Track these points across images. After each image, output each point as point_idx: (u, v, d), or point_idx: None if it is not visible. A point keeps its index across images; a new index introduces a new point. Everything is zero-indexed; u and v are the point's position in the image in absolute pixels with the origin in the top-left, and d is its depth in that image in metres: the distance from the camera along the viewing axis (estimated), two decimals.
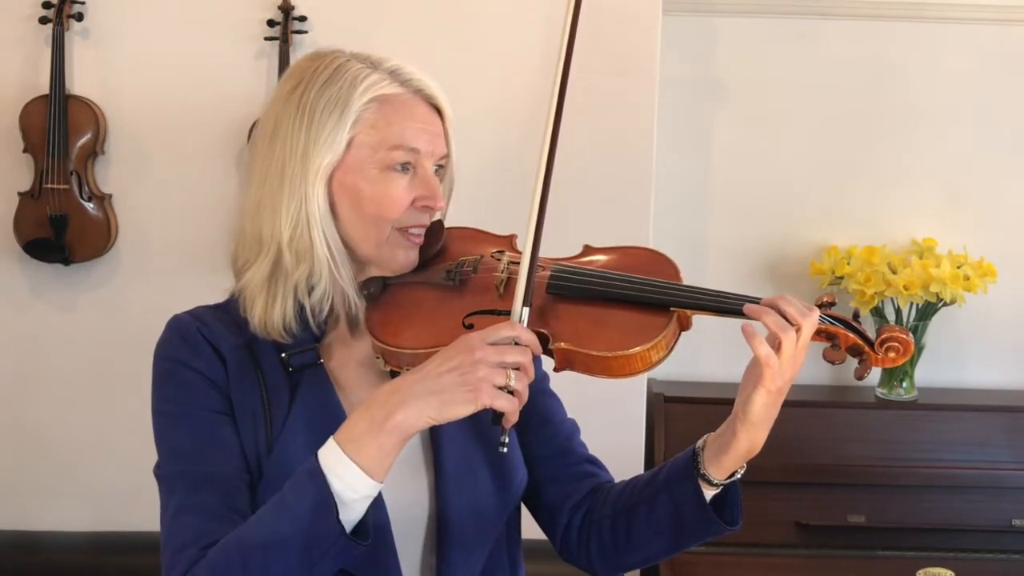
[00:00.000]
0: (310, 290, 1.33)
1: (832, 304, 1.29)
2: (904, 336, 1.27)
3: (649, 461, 2.67)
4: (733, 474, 1.32)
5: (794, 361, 1.23)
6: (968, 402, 2.76)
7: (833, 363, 1.29)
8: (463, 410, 1.16)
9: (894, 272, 2.75)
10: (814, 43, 2.90)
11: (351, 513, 1.18)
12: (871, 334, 1.30)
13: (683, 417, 2.64)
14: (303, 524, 1.17)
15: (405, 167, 1.33)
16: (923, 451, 2.64)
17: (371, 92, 1.32)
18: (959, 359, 2.96)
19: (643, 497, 1.39)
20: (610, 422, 2.54)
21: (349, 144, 1.31)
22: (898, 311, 2.80)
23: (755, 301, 1.26)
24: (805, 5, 2.87)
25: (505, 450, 1.22)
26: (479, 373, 1.16)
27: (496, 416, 1.18)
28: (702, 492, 1.32)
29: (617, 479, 1.50)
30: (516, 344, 1.19)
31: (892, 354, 1.27)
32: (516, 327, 1.21)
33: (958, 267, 2.74)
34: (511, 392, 1.17)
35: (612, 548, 1.42)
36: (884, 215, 2.93)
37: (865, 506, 2.57)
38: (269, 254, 1.33)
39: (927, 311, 2.78)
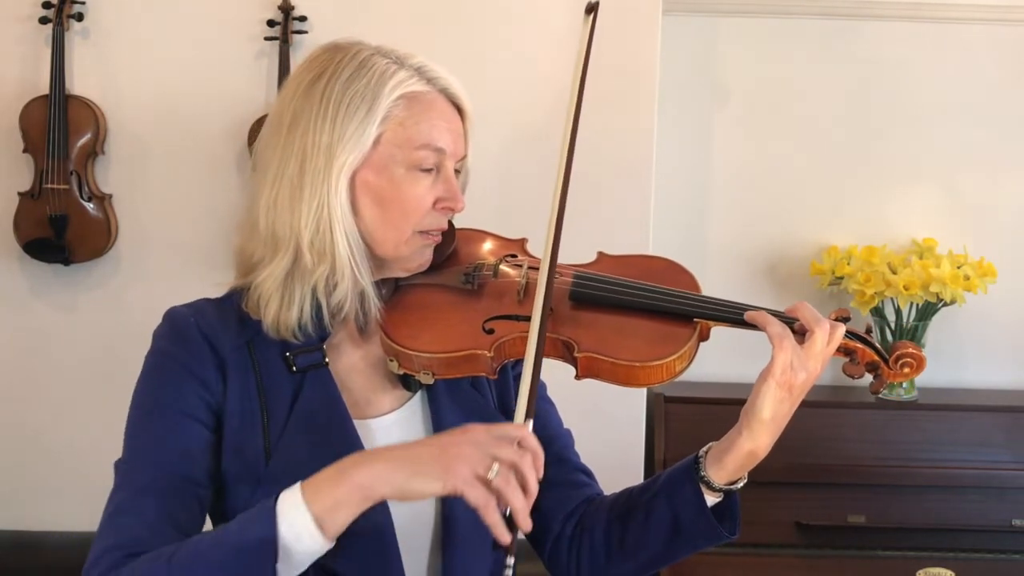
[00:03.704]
0: (329, 290, 1.29)
1: (847, 319, 1.31)
2: (917, 352, 1.30)
3: (649, 461, 2.67)
4: (734, 483, 1.31)
5: (814, 362, 1.24)
6: (968, 402, 2.75)
7: (852, 377, 1.31)
8: (430, 486, 1.11)
9: (894, 272, 2.75)
10: (814, 43, 2.90)
11: (291, 567, 1.13)
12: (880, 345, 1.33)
13: (683, 417, 2.64)
14: (238, 560, 1.11)
15: (429, 168, 1.31)
16: (923, 451, 2.63)
17: (400, 89, 1.28)
18: (959, 359, 2.96)
19: (640, 502, 1.37)
20: (610, 422, 2.54)
21: (376, 141, 1.28)
22: (898, 311, 2.80)
23: (777, 313, 1.28)
24: (805, 5, 2.87)
25: (510, 573, 1.15)
26: (461, 452, 1.11)
27: (494, 543, 1.13)
28: (702, 495, 1.31)
29: (617, 478, 1.49)
30: (518, 446, 1.14)
31: (906, 369, 1.31)
32: (523, 429, 1.17)
33: (958, 267, 2.74)
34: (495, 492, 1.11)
35: (604, 556, 1.40)
36: (884, 215, 2.93)
37: (865, 506, 2.56)
38: (287, 253, 1.28)
39: (927, 311, 2.78)
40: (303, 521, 1.11)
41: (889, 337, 2.81)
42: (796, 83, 2.92)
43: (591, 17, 1.36)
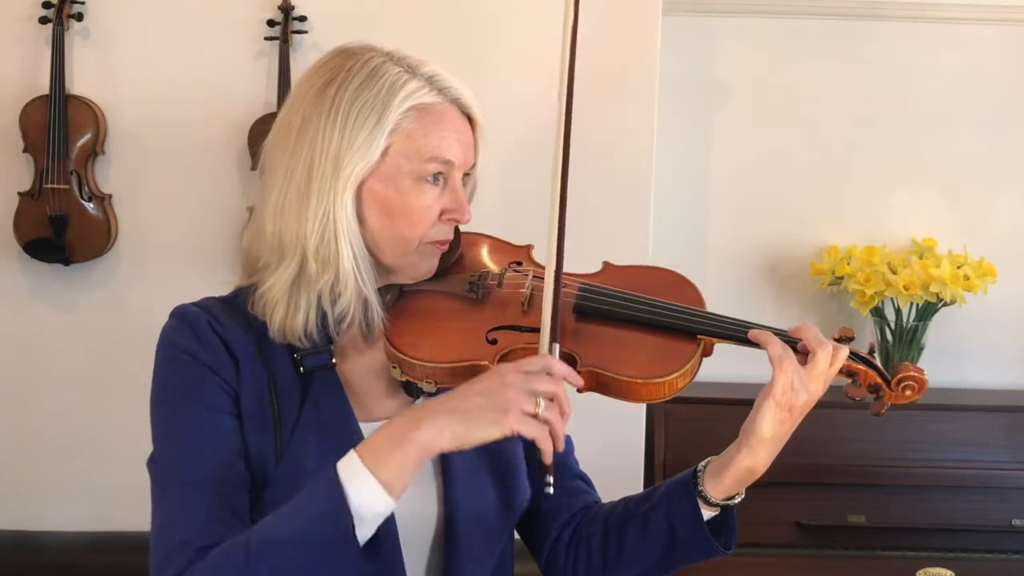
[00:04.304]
0: (334, 299, 1.29)
1: (851, 339, 1.31)
2: (920, 375, 1.31)
3: (649, 461, 2.67)
4: (732, 498, 1.32)
5: (815, 383, 1.24)
6: (968, 402, 2.75)
7: (854, 400, 1.32)
8: (489, 432, 1.14)
9: (894, 272, 2.75)
10: (814, 43, 2.90)
11: (364, 529, 1.15)
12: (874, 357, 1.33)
13: (683, 417, 2.64)
14: (316, 535, 1.13)
15: (436, 178, 1.30)
16: (923, 451, 2.64)
17: (410, 100, 1.27)
18: (959, 359, 2.95)
19: (638, 513, 1.38)
20: (610, 422, 2.54)
21: (384, 152, 1.27)
22: (898, 311, 2.80)
23: (781, 332, 1.28)
24: (805, 5, 2.87)
25: (551, 491, 1.19)
26: (508, 396, 1.14)
27: (537, 457, 1.17)
28: (699, 510, 1.31)
29: (617, 478, 1.49)
30: (549, 375, 1.17)
31: (908, 392, 1.31)
32: (549, 359, 1.19)
33: (958, 267, 2.74)
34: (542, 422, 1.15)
35: (601, 565, 1.40)
36: (884, 215, 2.93)
37: (865, 506, 2.56)
38: (293, 261, 1.28)
39: (927, 311, 2.78)
40: (373, 489, 1.14)
41: (889, 337, 2.81)
42: (796, 83, 2.92)
43: None
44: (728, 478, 1.29)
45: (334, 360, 1.32)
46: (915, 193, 2.93)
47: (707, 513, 1.32)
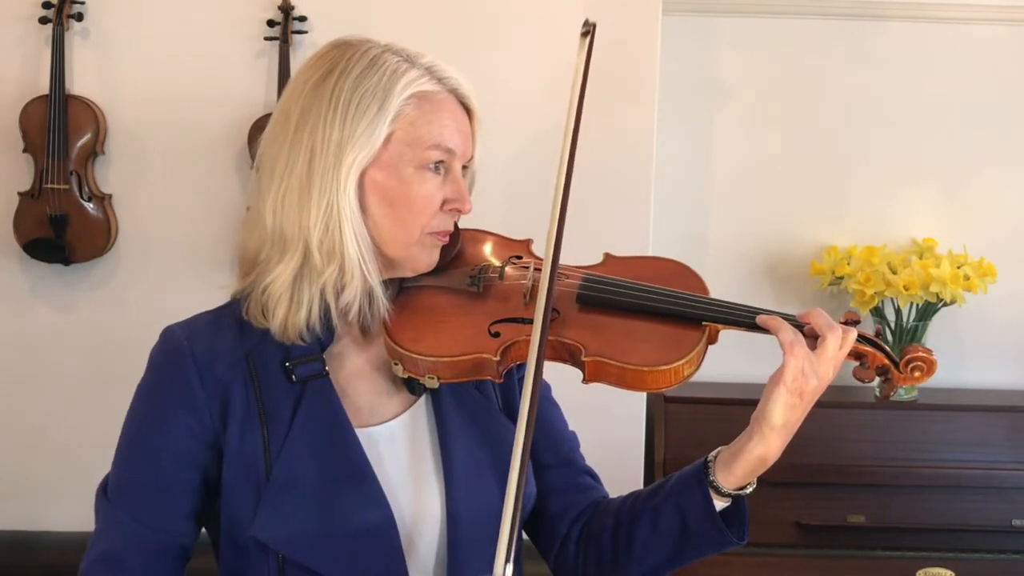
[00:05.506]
0: (338, 291, 1.28)
1: (857, 322, 1.30)
2: (928, 356, 1.30)
3: (649, 461, 2.67)
4: (743, 488, 1.31)
5: (825, 368, 1.23)
6: (968, 402, 2.75)
7: (862, 382, 1.31)
8: None
9: (894, 272, 2.75)
10: (814, 43, 2.90)
11: None
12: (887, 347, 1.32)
13: (683, 417, 2.64)
14: None
15: (438, 167, 1.29)
16: (923, 451, 2.64)
17: (412, 88, 1.27)
18: (959, 359, 2.96)
19: (648, 506, 1.36)
20: (610, 421, 2.54)
21: (386, 140, 1.27)
22: (898, 311, 2.80)
23: (789, 317, 1.27)
24: (805, 5, 2.87)
25: None
26: None
27: None
28: (711, 501, 1.30)
29: (617, 478, 1.48)
30: None
31: (917, 373, 1.30)
32: None
33: (958, 267, 2.74)
34: None
35: (611, 561, 1.39)
36: (884, 215, 2.93)
37: (865, 506, 2.56)
38: (296, 253, 1.26)
39: (927, 311, 2.78)
40: None
41: (889, 337, 2.81)
42: (796, 83, 2.92)
43: (587, 40, 1.34)
44: (739, 468, 1.28)
45: (327, 368, 1.30)
46: (915, 193, 2.93)
47: (718, 504, 1.31)
